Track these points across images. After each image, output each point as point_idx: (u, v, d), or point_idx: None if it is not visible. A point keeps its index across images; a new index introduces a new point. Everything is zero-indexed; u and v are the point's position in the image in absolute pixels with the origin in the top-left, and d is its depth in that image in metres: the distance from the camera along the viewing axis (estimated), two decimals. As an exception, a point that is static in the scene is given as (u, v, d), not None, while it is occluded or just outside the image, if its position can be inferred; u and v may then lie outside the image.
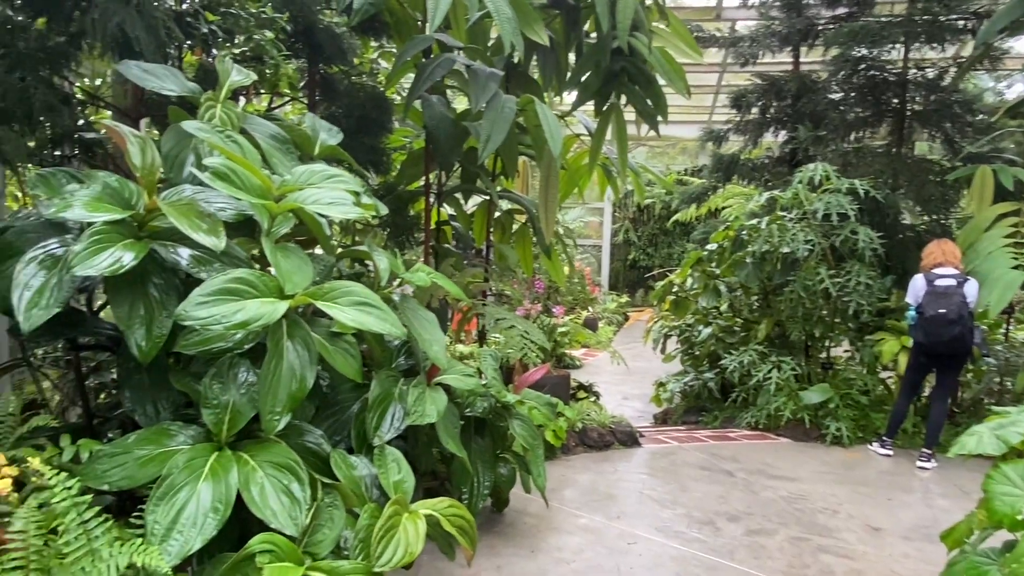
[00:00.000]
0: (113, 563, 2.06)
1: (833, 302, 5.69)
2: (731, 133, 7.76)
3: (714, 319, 6.53)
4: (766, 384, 5.81)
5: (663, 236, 13.44)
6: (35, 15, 3.57)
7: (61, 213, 2.44)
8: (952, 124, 6.41)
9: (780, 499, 4.46)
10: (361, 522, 2.55)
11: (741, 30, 8.70)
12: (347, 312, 2.63)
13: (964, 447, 2.83)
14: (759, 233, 5.85)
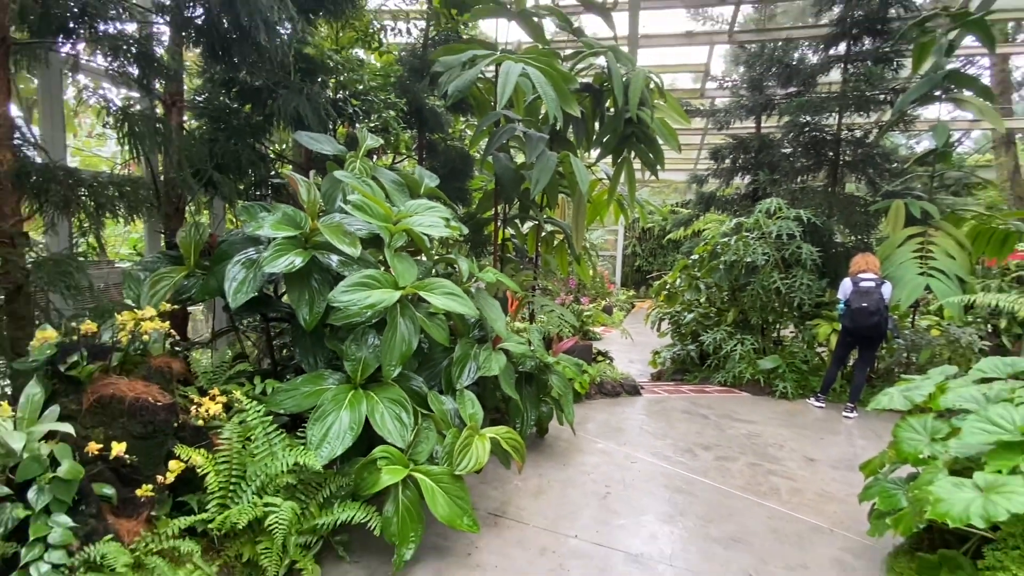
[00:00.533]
0: (284, 461, 2.13)
1: (783, 297, 5.41)
2: (710, 177, 7.47)
3: (695, 308, 6.30)
4: (732, 354, 5.57)
5: (660, 249, 13.21)
6: (243, 103, 3.71)
7: (256, 231, 2.54)
8: (874, 170, 6.00)
9: (741, 436, 4.28)
10: (447, 440, 2.56)
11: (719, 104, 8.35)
12: (439, 299, 2.65)
13: (879, 403, 2.66)
14: (729, 247, 5.61)
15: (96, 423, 1.87)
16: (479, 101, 5.07)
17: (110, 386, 1.91)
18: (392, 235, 2.84)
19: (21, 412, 1.71)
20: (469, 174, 5.27)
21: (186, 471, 2.01)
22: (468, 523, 2.39)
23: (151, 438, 1.95)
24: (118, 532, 1.76)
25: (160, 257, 2.86)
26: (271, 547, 2.04)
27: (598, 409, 4.81)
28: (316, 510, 2.27)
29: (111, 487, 1.81)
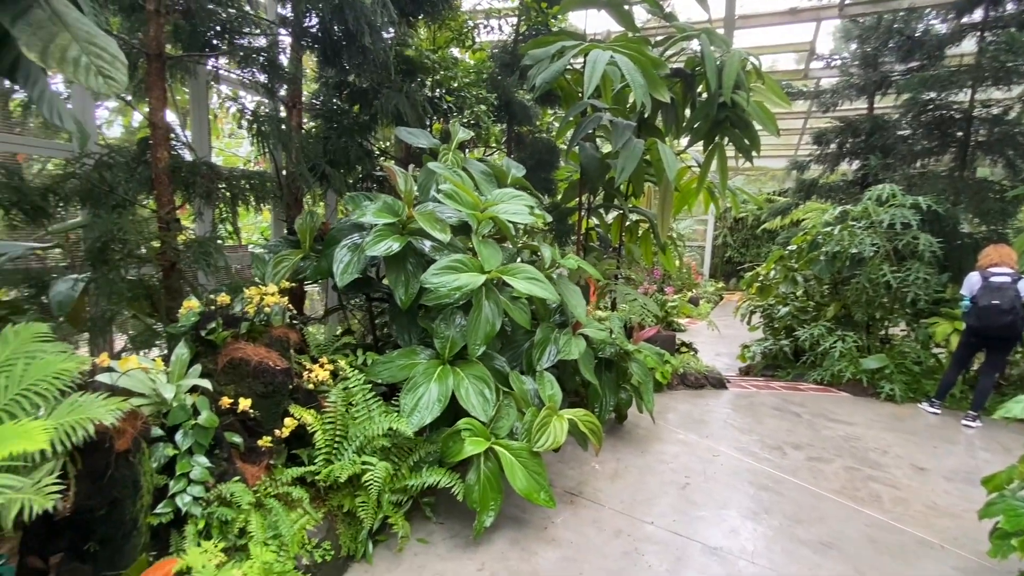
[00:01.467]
0: (381, 425, 2.26)
1: (893, 292, 4.77)
2: (812, 163, 6.75)
3: (791, 301, 5.76)
4: (831, 351, 5.03)
5: (753, 240, 12.10)
6: (352, 104, 3.95)
7: (360, 218, 2.70)
8: (1015, 151, 5.07)
9: (838, 437, 3.87)
10: (526, 418, 2.58)
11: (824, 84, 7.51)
12: (522, 283, 2.65)
13: (1010, 411, 2.27)
14: (832, 237, 5.04)
15: (228, 381, 2.10)
16: (566, 92, 4.98)
17: (239, 350, 2.14)
18: (479, 222, 2.88)
19: (171, 368, 1.97)
20: (555, 164, 5.21)
21: (298, 428, 2.21)
22: (545, 498, 2.40)
23: (270, 397, 2.16)
24: (244, 475, 1.98)
25: (282, 241, 3.14)
26: (367, 501, 2.19)
27: (680, 400, 4.60)
28: (407, 472, 2.39)
29: (239, 436, 2.04)
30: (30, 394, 1.39)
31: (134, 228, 2.20)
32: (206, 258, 2.35)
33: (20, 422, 1.32)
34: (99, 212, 2.34)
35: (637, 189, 4.60)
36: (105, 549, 1.61)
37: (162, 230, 2.39)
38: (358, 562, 2.21)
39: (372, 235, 2.61)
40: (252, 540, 1.82)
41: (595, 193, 4.87)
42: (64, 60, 1.27)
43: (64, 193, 2.29)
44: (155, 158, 2.42)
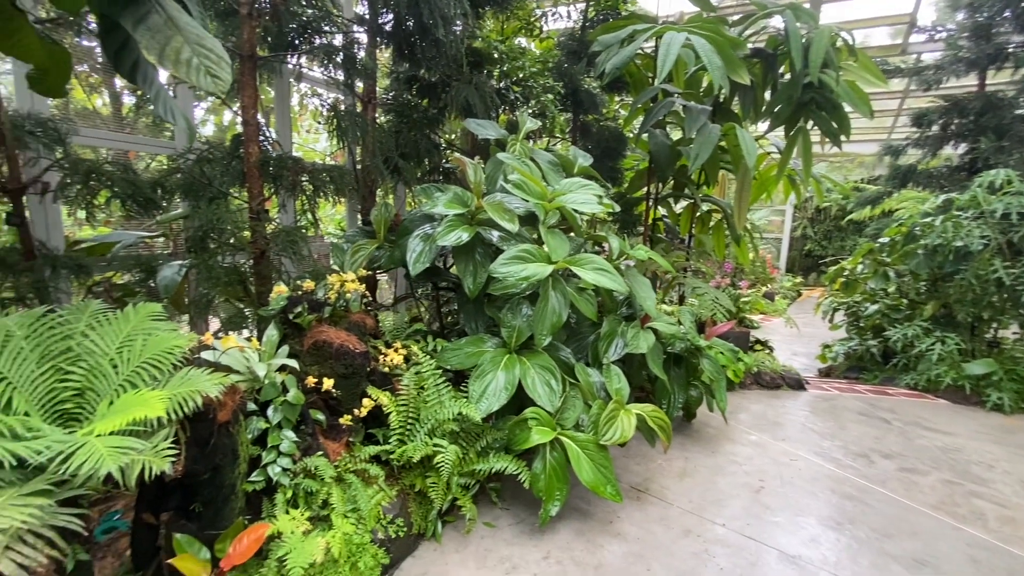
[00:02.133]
0: (451, 410, 2.32)
1: (1006, 289, 4.27)
2: (909, 147, 6.12)
3: (881, 299, 5.29)
4: (928, 354, 4.57)
5: (837, 232, 11.08)
6: (422, 97, 4.04)
7: (432, 209, 2.76)
8: None
9: (934, 447, 3.53)
10: (593, 411, 2.55)
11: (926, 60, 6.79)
12: (589, 273, 2.62)
13: None
14: (932, 229, 4.56)
15: (312, 362, 2.23)
16: (636, 79, 4.83)
17: (322, 333, 2.26)
18: (546, 212, 2.87)
19: (263, 348, 2.12)
20: (622, 153, 5.08)
21: (374, 408, 2.31)
22: (611, 492, 2.37)
23: (350, 378, 2.27)
24: (326, 450, 2.10)
25: (358, 231, 3.29)
26: (438, 482, 2.26)
27: (753, 400, 4.37)
28: (474, 456, 2.44)
29: (322, 414, 2.16)
30: (148, 367, 1.55)
31: (229, 218, 2.37)
32: (292, 246, 2.50)
33: (140, 392, 1.47)
34: (198, 204, 2.55)
35: (711, 177, 4.39)
36: (207, 510, 1.77)
37: (253, 220, 2.57)
38: (428, 540, 2.29)
39: (443, 225, 2.67)
40: (334, 511, 1.93)
41: (664, 182, 4.70)
42: (178, 61, 1.39)
43: (170, 186, 2.51)
44: (247, 153, 2.59)
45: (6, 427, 1.26)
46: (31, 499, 1.19)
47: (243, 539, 1.72)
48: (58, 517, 1.22)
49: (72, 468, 1.20)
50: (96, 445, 1.24)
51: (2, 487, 1.21)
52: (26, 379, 1.42)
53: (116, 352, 1.56)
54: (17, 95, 2.70)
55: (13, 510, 1.15)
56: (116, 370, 1.53)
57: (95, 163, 2.27)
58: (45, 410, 1.44)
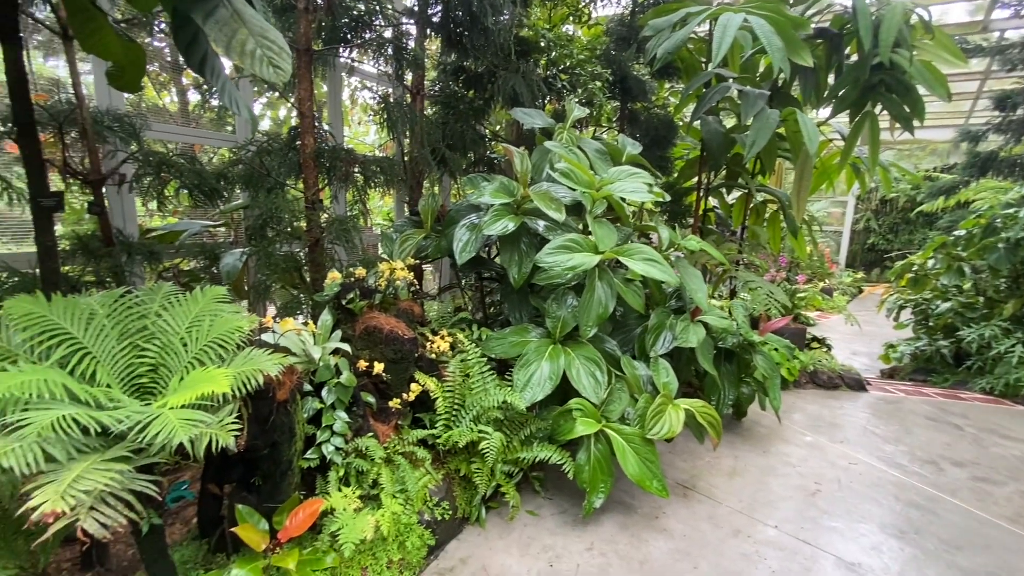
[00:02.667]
0: (495, 398, 2.33)
1: (1102, 288, 3.87)
2: (990, 132, 5.64)
3: (954, 296, 4.91)
4: (1008, 357, 4.22)
5: (904, 224, 10.17)
6: (468, 88, 4.05)
7: (479, 199, 2.77)
8: None
9: (1012, 457, 3.25)
10: (639, 404, 2.50)
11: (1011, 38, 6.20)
12: (638, 264, 2.55)
13: None
14: (1016, 221, 4.19)
15: (363, 346, 2.29)
16: (687, 64, 4.65)
17: (373, 319, 2.32)
18: (594, 201, 2.82)
19: (318, 332, 2.19)
20: (671, 141, 4.93)
21: (421, 393, 2.35)
22: (658, 487, 2.32)
23: (399, 363, 2.32)
24: (376, 432, 2.16)
25: (406, 221, 3.34)
26: (482, 468, 2.28)
27: (808, 400, 4.16)
28: (518, 445, 2.45)
29: (372, 397, 2.22)
30: (214, 346, 1.63)
31: (286, 207, 2.46)
32: (346, 235, 2.57)
33: (207, 369, 1.55)
34: (257, 194, 2.66)
35: (768, 165, 4.19)
36: (266, 484, 1.85)
37: (308, 210, 2.65)
38: (472, 525, 2.32)
39: (489, 215, 2.67)
40: (383, 491, 1.98)
41: (717, 171, 4.53)
42: (244, 53, 1.44)
43: (232, 177, 2.63)
44: (303, 144, 2.68)
45: (91, 397, 1.36)
46: (112, 464, 1.28)
47: (299, 513, 1.79)
48: (136, 482, 1.30)
49: (148, 437, 1.29)
50: (170, 417, 1.32)
51: (87, 452, 1.31)
52: (108, 354, 1.52)
53: (186, 331, 1.65)
54: (97, 93, 2.90)
55: (97, 474, 1.24)
56: (186, 348, 1.62)
57: (165, 155, 2.41)
58: (124, 383, 1.54)
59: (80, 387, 1.34)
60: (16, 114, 1.72)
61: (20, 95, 1.74)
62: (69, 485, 1.20)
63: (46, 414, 1.22)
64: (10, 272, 2.20)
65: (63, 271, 2.45)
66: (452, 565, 2.07)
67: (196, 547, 1.88)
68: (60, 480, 1.21)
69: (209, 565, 1.82)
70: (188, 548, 1.87)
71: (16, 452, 1.19)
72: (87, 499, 1.22)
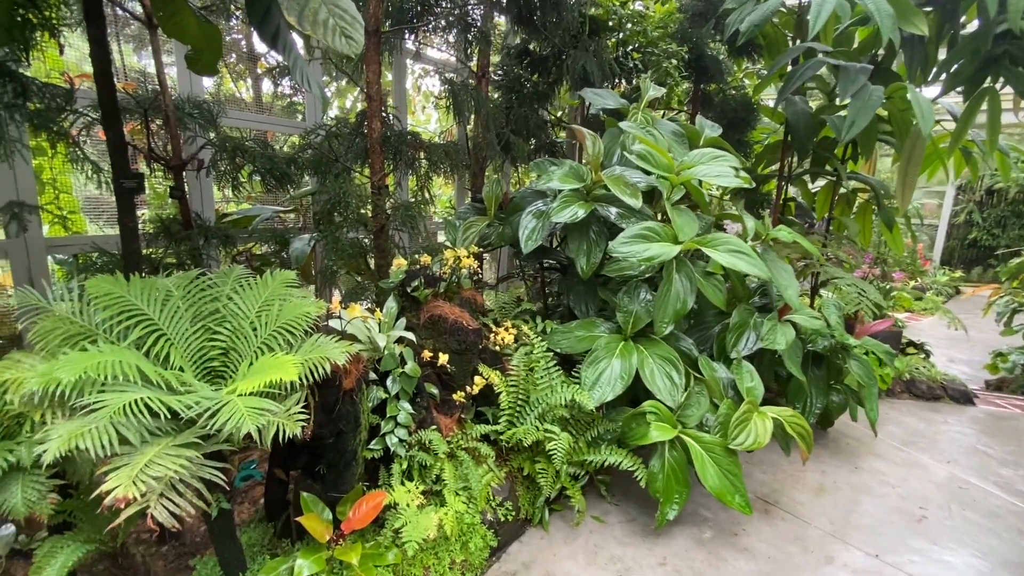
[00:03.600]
0: (562, 396, 2.17)
1: None
2: None
3: (1080, 300, 4.24)
4: None
5: (1015, 218, 8.96)
6: (532, 72, 3.88)
7: (547, 184, 2.61)
8: None
9: None
10: (721, 410, 2.27)
11: None
12: (723, 256, 2.31)
13: None
14: None
15: (427, 336, 2.21)
16: (771, 40, 4.24)
17: (438, 308, 2.22)
18: (672, 187, 2.58)
19: (383, 320, 2.12)
20: (751, 124, 4.53)
21: (484, 387, 2.23)
22: (740, 503, 2.09)
23: (463, 354, 2.21)
24: (439, 425, 2.07)
25: (469, 208, 3.24)
26: (547, 469, 2.14)
27: (904, 411, 3.72)
28: (584, 446, 2.29)
29: (436, 388, 2.13)
30: (282, 331, 1.57)
31: (353, 193, 2.40)
32: (411, 221, 2.49)
33: (276, 355, 1.50)
34: (325, 179, 2.63)
35: (865, 150, 3.74)
36: (331, 473, 1.80)
37: (374, 195, 2.59)
38: (534, 527, 2.19)
39: (558, 201, 2.51)
40: (446, 488, 1.89)
41: (804, 157, 4.11)
42: (316, 22, 1.35)
43: (302, 162, 2.61)
44: (370, 128, 2.61)
45: (163, 380, 1.33)
46: (182, 451, 1.24)
47: (362, 504, 1.73)
48: (204, 470, 1.26)
49: (217, 424, 1.23)
50: (238, 404, 1.26)
51: (159, 436, 1.28)
52: (181, 336, 1.50)
53: (256, 315, 1.61)
54: (179, 83, 2.97)
55: (168, 459, 1.20)
56: (255, 332, 1.58)
57: (239, 141, 2.41)
58: (196, 366, 1.52)
59: (153, 369, 1.31)
60: (101, 99, 1.74)
61: (104, 81, 1.75)
62: (141, 470, 1.17)
63: (120, 396, 1.19)
64: (100, 252, 2.28)
65: (147, 253, 2.53)
66: (515, 569, 1.95)
67: (263, 530, 1.87)
68: (132, 464, 1.18)
69: (275, 550, 1.80)
70: (255, 531, 1.86)
71: (92, 433, 1.16)
72: (157, 486, 1.18)
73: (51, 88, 1.92)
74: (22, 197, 2.36)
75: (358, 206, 2.43)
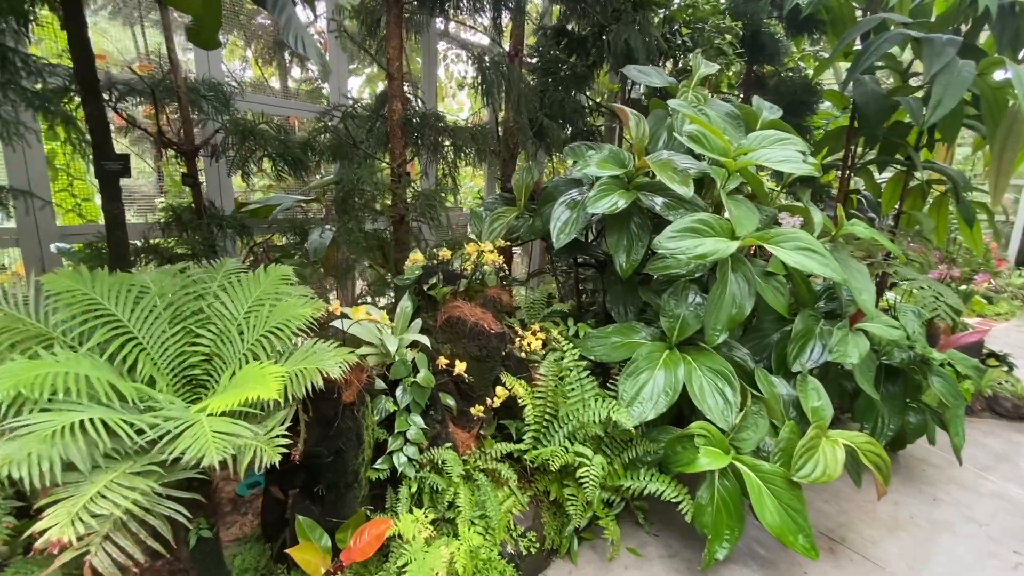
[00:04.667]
0: (596, 412, 1.87)
1: None
2: None
3: None
4: None
5: None
6: (570, 54, 3.55)
7: (583, 170, 2.29)
8: None
9: None
10: (782, 434, 1.91)
11: None
12: (790, 254, 1.94)
13: None
14: None
15: (444, 340, 1.95)
16: (835, 15, 3.72)
17: (457, 308, 1.96)
18: (728, 174, 2.22)
19: (396, 321, 1.88)
20: (812, 107, 4.05)
21: (507, 399, 1.96)
22: (804, 544, 1.74)
23: (484, 361, 1.95)
24: (455, 442, 1.81)
25: (497, 198, 2.96)
26: (577, 495, 1.85)
27: (987, 432, 3.21)
28: (620, 470, 1.98)
29: (452, 399, 1.87)
30: (271, 335, 1.34)
31: (370, 179, 2.16)
32: (431, 211, 2.23)
33: (261, 364, 1.26)
34: (344, 165, 2.40)
35: (948, 135, 3.23)
36: (330, 494, 1.57)
37: (394, 183, 2.35)
38: (561, 558, 1.91)
39: (595, 189, 2.19)
40: (460, 516, 1.63)
41: (873, 143, 3.61)
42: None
43: (318, 147, 2.39)
44: (390, 110, 2.36)
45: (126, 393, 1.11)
46: (138, 480, 1.02)
47: (364, 533, 1.49)
48: (164, 504, 1.03)
49: (178, 451, 1.01)
50: (204, 428, 1.03)
51: (115, 461, 1.06)
52: (156, 340, 1.29)
53: (244, 317, 1.39)
54: (196, 66, 2.81)
55: (117, 492, 0.98)
56: (242, 337, 1.36)
57: (250, 123, 2.20)
58: (174, 374, 1.31)
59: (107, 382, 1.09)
60: (76, 70, 1.54)
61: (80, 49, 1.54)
62: (84, 506, 0.95)
63: (60, 417, 0.98)
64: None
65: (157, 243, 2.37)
66: (538, 610, 1.68)
67: (259, 551, 1.66)
68: (76, 498, 0.97)
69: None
70: (251, 552, 1.65)
71: (29, 460, 0.95)
72: (102, 526, 0.96)
73: (49, 66, 1.75)
74: (33, 184, 2.24)
75: (374, 195, 2.18)
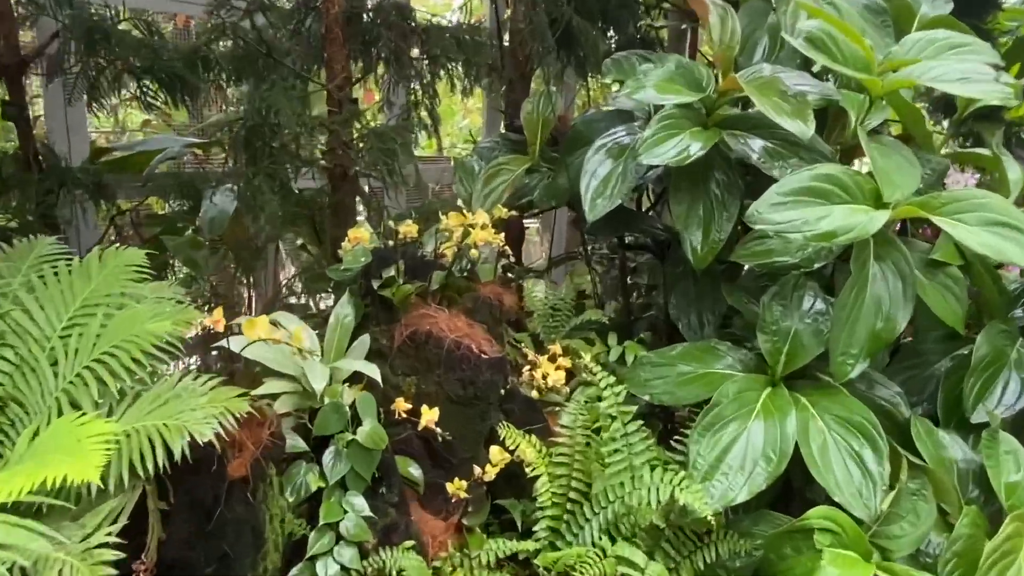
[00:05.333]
0: (654, 492, 1.70)
1: None
2: None
3: None
4: None
5: None
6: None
7: (635, 95, 2.14)
8: None
9: None
10: (959, 529, 1.72)
11: None
12: (977, 234, 1.74)
13: None
14: None
15: (407, 368, 1.82)
16: None
17: (427, 319, 1.82)
18: (871, 101, 2.03)
19: (327, 338, 1.72)
20: (988, 9, 3.85)
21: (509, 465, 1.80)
22: None
23: (470, 405, 1.82)
24: (420, 536, 1.66)
25: (498, 142, 2.86)
26: (621, 628, 1.68)
27: None
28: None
29: (416, 467, 1.73)
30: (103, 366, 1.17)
31: (291, 109, 1.99)
32: (389, 159, 2.06)
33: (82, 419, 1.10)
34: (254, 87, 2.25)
35: None
36: (216, 627, 1.41)
37: (332, 114, 2.19)
38: None
39: (654, 126, 2.03)
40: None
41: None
42: None
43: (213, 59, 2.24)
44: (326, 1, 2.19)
45: None
46: None
47: None
48: None
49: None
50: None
51: None
52: (-94, 376, 1.13)
53: (61, 335, 1.22)
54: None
55: None
56: (56, 368, 1.19)
57: (100, 21, 2.04)
58: (-61, 433, 1.14)
59: None
60: None
61: None
62: None
63: None
64: None
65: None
66: None
67: None
68: None
69: None
70: None
71: None
72: None
73: None
74: None
75: (297, 134, 2.01)
